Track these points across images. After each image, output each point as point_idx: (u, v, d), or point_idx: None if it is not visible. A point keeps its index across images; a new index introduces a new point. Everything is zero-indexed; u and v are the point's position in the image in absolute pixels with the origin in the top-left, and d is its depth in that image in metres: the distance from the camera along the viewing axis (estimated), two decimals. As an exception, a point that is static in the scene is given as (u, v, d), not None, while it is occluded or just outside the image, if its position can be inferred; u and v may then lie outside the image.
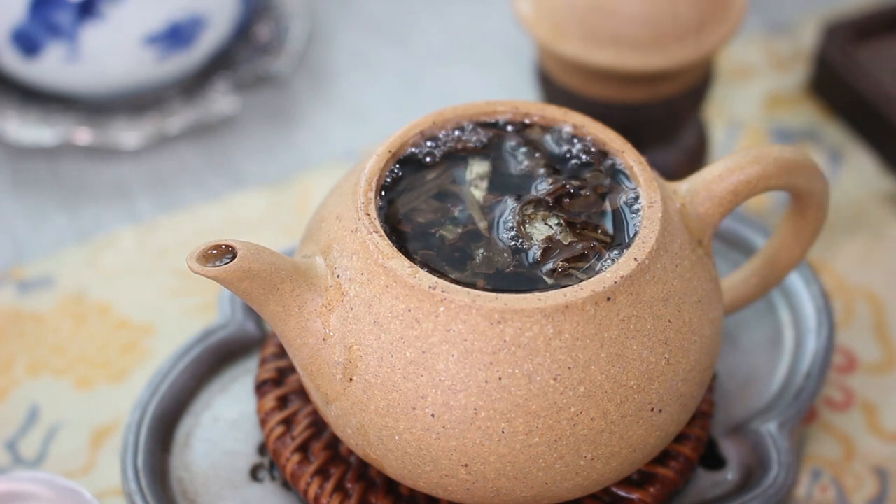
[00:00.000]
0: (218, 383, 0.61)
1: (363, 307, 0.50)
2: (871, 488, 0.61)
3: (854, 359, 0.66)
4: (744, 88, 0.79)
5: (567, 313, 0.49)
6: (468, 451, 0.49)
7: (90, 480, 0.61)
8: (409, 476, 0.52)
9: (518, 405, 0.49)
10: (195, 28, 0.74)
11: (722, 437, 0.59)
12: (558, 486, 0.51)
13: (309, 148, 0.77)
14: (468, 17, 0.84)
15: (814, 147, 0.76)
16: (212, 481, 0.58)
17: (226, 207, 0.73)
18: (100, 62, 0.73)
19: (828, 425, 0.63)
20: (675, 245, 0.52)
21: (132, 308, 0.68)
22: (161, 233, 0.72)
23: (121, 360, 0.66)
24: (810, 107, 0.78)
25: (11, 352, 0.66)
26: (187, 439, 0.59)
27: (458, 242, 0.53)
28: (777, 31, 0.82)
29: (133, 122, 0.75)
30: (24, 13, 0.72)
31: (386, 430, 0.50)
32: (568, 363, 0.49)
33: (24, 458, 0.62)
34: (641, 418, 0.50)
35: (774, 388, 0.61)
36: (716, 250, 0.65)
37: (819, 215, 0.56)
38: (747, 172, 0.53)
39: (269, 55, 0.79)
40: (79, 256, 0.71)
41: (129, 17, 0.72)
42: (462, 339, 0.49)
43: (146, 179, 0.75)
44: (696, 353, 0.51)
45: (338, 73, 0.81)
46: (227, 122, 0.78)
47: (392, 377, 0.49)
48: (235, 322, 0.62)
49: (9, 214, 0.73)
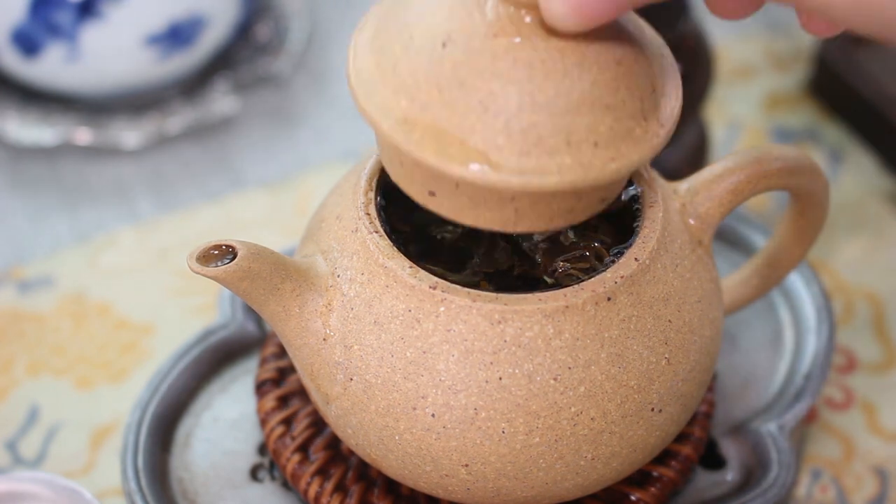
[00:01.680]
0: (218, 383, 0.61)
1: (363, 307, 0.50)
2: (871, 488, 0.61)
3: (854, 359, 0.66)
4: (744, 88, 0.79)
5: (567, 313, 0.49)
6: (468, 451, 0.49)
7: (90, 480, 0.61)
8: (409, 476, 0.52)
9: (518, 405, 0.49)
10: (195, 28, 0.74)
11: (722, 437, 0.59)
12: (558, 485, 0.51)
13: (309, 148, 0.77)
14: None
15: (814, 147, 0.76)
16: (212, 481, 0.58)
17: (226, 207, 0.73)
18: (100, 62, 0.73)
19: (828, 425, 0.63)
20: (675, 245, 0.51)
21: (132, 308, 0.68)
22: (161, 233, 0.72)
23: (121, 360, 0.66)
24: (810, 107, 0.78)
25: (11, 352, 0.66)
26: (187, 439, 0.59)
27: (459, 242, 0.53)
28: (777, 31, 0.82)
29: (133, 122, 0.75)
30: (24, 13, 0.72)
31: (386, 430, 0.50)
32: (568, 363, 0.49)
33: (24, 458, 0.62)
34: (642, 418, 0.50)
35: (774, 388, 0.61)
36: (716, 250, 0.65)
37: (819, 215, 0.56)
38: (747, 172, 0.53)
39: (269, 55, 0.79)
40: (79, 256, 0.71)
41: (129, 17, 0.72)
42: (462, 338, 0.48)
43: (146, 179, 0.75)
44: (696, 353, 0.51)
45: (338, 73, 0.81)
46: (227, 122, 0.78)
47: (392, 377, 0.49)
48: (235, 322, 0.62)
49: (9, 214, 0.73)
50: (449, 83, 0.46)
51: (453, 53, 0.46)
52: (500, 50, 0.46)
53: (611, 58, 0.46)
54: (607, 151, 0.46)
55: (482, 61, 0.46)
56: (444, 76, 0.46)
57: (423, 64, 0.46)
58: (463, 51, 0.46)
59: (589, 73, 0.46)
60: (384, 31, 0.48)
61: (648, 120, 0.47)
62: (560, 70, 0.46)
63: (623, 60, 0.47)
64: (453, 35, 0.46)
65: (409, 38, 0.47)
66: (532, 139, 0.45)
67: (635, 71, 0.47)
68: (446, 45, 0.46)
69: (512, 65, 0.45)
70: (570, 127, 0.45)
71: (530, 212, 0.48)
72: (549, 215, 0.48)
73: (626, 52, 0.47)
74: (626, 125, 0.46)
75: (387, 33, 0.48)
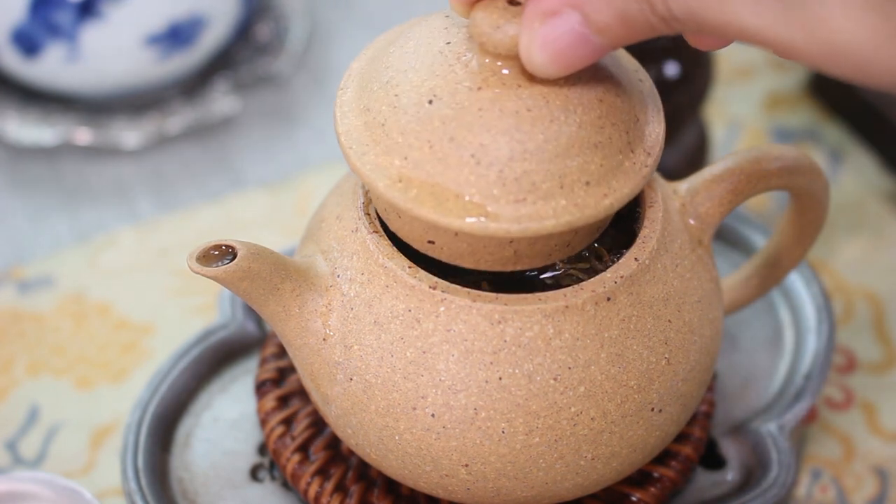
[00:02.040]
0: (218, 383, 0.61)
1: (363, 307, 0.50)
2: (871, 488, 0.61)
3: (854, 359, 0.66)
4: (744, 88, 0.79)
5: (567, 313, 0.49)
6: (468, 451, 0.49)
7: (90, 480, 0.61)
8: (409, 476, 0.52)
9: (518, 405, 0.49)
10: (195, 28, 0.74)
11: (722, 437, 0.59)
12: (558, 485, 0.51)
13: (309, 148, 0.77)
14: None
15: (814, 147, 0.76)
16: (212, 481, 0.58)
17: (226, 207, 0.73)
18: (100, 62, 0.73)
19: (828, 425, 0.63)
20: (675, 245, 0.51)
21: (132, 308, 0.68)
22: (161, 233, 0.72)
23: (121, 360, 0.66)
24: (810, 107, 0.78)
25: (11, 352, 0.66)
26: (187, 439, 0.59)
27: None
28: (777, 31, 0.82)
29: (133, 122, 0.75)
30: (24, 13, 0.72)
31: (386, 430, 0.50)
32: (568, 363, 0.49)
33: (24, 458, 0.62)
34: (642, 418, 0.50)
35: (774, 388, 0.61)
36: (716, 250, 0.65)
37: (819, 215, 0.56)
38: (747, 172, 0.53)
39: (269, 55, 0.79)
40: (79, 256, 0.71)
41: (129, 17, 0.72)
42: (462, 338, 0.48)
43: (146, 179, 0.75)
44: (696, 353, 0.51)
45: (338, 73, 0.81)
46: (227, 122, 0.78)
47: (392, 377, 0.49)
48: (235, 322, 0.62)
49: (9, 214, 0.73)
50: (440, 139, 0.47)
51: (441, 109, 0.47)
52: (485, 102, 0.47)
53: (593, 97, 0.47)
54: (600, 188, 0.47)
55: (469, 115, 0.47)
56: (434, 133, 0.47)
57: (412, 122, 0.47)
58: (450, 106, 0.47)
59: (575, 114, 0.47)
60: (367, 91, 0.49)
61: (635, 151, 0.48)
62: (546, 116, 0.47)
63: (605, 97, 0.48)
64: (438, 91, 0.47)
65: (394, 96, 0.48)
66: (526, 186, 0.46)
67: (618, 105, 0.48)
68: (433, 101, 0.47)
69: (499, 115, 0.46)
70: (562, 170, 0.47)
71: (529, 251, 0.49)
72: (546, 252, 0.49)
73: (607, 87, 0.48)
74: (615, 160, 0.48)
75: (371, 93, 0.49)
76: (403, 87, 0.48)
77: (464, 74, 0.47)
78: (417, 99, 0.47)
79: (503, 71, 0.47)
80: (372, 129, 0.48)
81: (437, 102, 0.47)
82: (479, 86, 0.47)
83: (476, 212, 0.46)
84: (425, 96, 0.47)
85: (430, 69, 0.48)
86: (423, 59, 0.48)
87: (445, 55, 0.48)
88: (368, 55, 0.51)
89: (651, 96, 0.50)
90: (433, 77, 0.48)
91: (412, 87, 0.48)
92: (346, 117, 0.49)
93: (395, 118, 0.48)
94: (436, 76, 0.48)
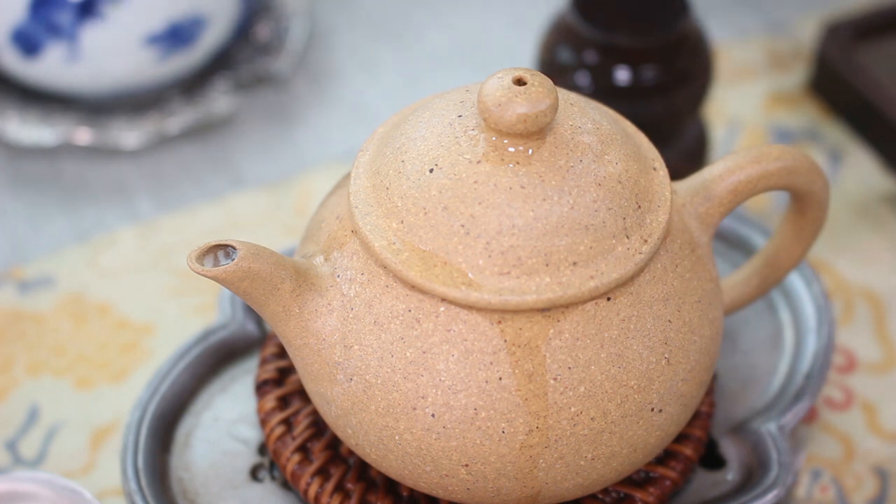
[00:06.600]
0: (218, 383, 0.61)
1: (363, 307, 0.50)
2: (871, 488, 0.61)
3: (854, 359, 0.66)
4: (744, 88, 0.79)
5: (567, 313, 0.49)
6: (468, 451, 0.50)
7: (90, 480, 0.61)
8: (409, 476, 0.52)
9: (518, 405, 0.49)
10: (195, 28, 0.74)
11: (722, 437, 0.59)
12: (558, 486, 0.51)
13: (309, 148, 0.77)
14: (468, 17, 0.84)
15: (814, 147, 0.76)
16: (212, 481, 0.58)
17: (226, 207, 0.73)
18: (100, 62, 0.73)
19: (828, 425, 0.63)
20: (675, 245, 0.52)
21: (132, 308, 0.68)
22: (161, 233, 0.72)
23: (121, 360, 0.66)
24: (810, 106, 0.78)
25: (11, 352, 0.66)
26: (187, 439, 0.59)
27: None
28: (777, 31, 0.82)
29: (133, 122, 0.75)
30: (24, 13, 0.72)
31: (386, 430, 0.50)
32: (568, 363, 0.49)
33: (24, 458, 0.62)
34: (641, 418, 0.50)
35: (774, 388, 0.61)
36: (716, 250, 0.65)
37: (819, 215, 0.56)
38: (747, 172, 0.53)
39: (269, 55, 0.79)
40: (79, 256, 0.71)
41: (129, 17, 0.72)
42: (462, 339, 0.49)
43: (146, 179, 0.75)
44: (696, 353, 0.51)
45: (338, 73, 0.81)
46: (227, 122, 0.78)
47: (392, 377, 0.49)
48: (235, 322, 0.62)
49: (9, 214, 0.73)
50: (434, 207, 0.48)
51: (439, 179, 0.49)
52: (482, 175, 0.49)
53: (592, 180, 0.49)
54: (587, 270, 0.48)
55: (465, 186, 0.48)
56: (430, 200, 0.49)
57: (412, 188, 0.49)
58: (448, 176, 0.49)
59: (569, 196, 0.48)
60: (381, 155, 0.51)
61: (631, 237, 0.49)
62: (539, 194, 0.48)
63: (605, 181, 0.49)
64: (440, 161, 0.49)
65: (401, 162, 0.50)
66: (511, 260, 0.48)
67: (618, 191, 0.49)
68: (433, 170, 0.49)
69: (493, 190, 0.48)
70: (549, 248, 0.48)
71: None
72: None
73: (609, 172, 0.49)
74: (606, 244, 0.49)
75: (383, 157, 0.51)
76: (410, 154, 0.50)
77: (467, 147, 0.49)
78: (420, 167, 0.49)
79: (508, 148, 0.49)
80: (378, 192, 0.50)
81: (437, 171, 0.49)
82: (479, 159, 0.49)
83: (461, 280, 0.48)
84: (427, 165, 0.49)
85: (438, 139, 0.50)
86: (434, 129, 0.50)
87: (454, 127, 0.50)
88: (393, 121, 0.53)
89: (661, 183, 0.51)
90: (438, 147, 0.50)
91: (418, 154, 0.50)
92: (360, 178, 0.51)
93: (398, 183, 0.50)
94: (441, 146, 0.50)
